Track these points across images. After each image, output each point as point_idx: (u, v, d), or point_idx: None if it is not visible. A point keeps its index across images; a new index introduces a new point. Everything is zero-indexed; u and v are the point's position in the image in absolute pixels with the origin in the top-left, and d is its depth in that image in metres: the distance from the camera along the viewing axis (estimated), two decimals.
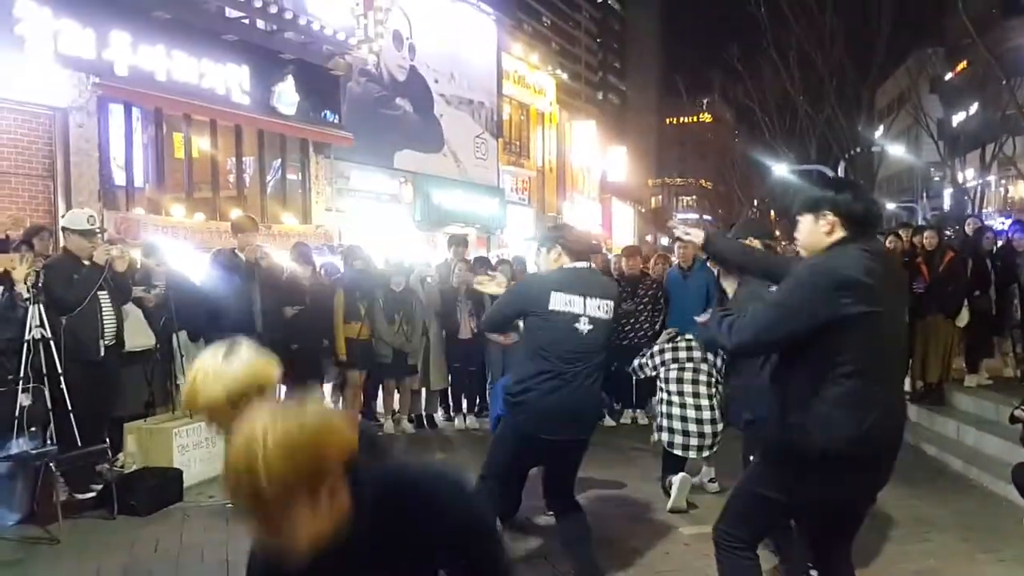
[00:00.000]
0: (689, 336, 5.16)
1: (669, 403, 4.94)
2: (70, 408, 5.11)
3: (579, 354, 3.59)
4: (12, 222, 8.26)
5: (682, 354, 5.07)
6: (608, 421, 7.94)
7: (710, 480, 5.62)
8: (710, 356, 5.11)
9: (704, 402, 4.98)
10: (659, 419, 5.03)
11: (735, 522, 2.88)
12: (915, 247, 7.98)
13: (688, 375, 5.02)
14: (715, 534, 2.94)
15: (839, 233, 2.64)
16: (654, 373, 5.26)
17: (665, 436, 5.01)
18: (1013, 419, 5.12)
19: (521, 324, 3.78)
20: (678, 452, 5.05)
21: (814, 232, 2.68)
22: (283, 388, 8.50)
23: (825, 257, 2.64)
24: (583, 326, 3.59)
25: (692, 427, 4.95)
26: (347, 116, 15.73)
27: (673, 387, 4.96)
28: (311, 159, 15.28)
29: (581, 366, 3.59)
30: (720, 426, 5.08)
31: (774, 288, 2.96)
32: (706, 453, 5.12)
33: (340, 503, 1.52)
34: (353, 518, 1.54)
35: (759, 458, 2.93)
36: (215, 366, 2.05)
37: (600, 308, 3.64)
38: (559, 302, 3.59)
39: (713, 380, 5.09)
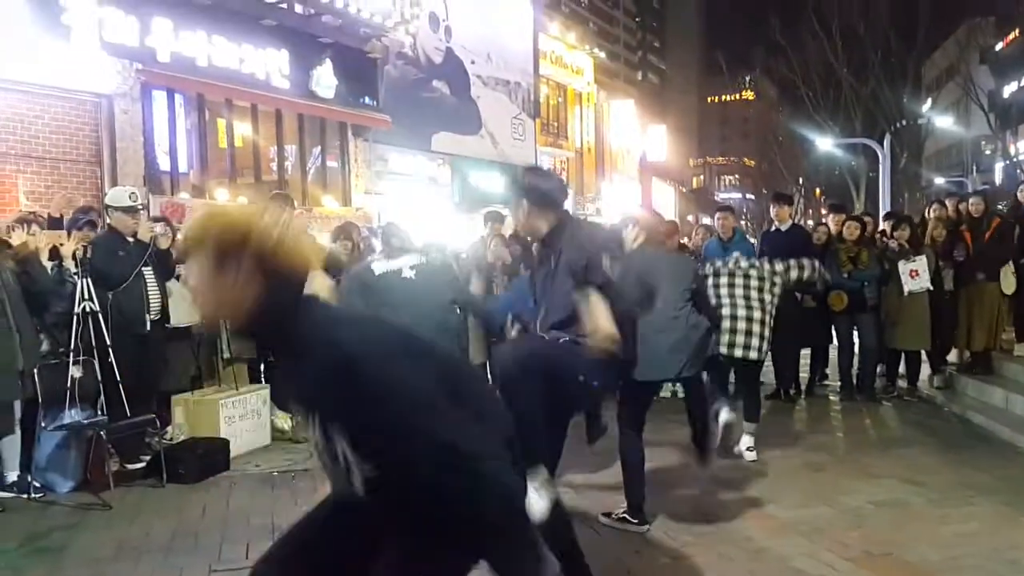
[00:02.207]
0: (738, 255, 5.24)
1: (718, 306, 4.87)
2: (119, 380, 5.27)
3: None
4: (66, 202, 8.52)
5: (731, 265, 5.09)
6: None
7: (748, 449, 5.56)
8: (758, 264, 5.13)
9: (755, 303, 4.92)
10: None
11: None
12: (960, 215, 7.83)
13: (739, 280, 5.01)
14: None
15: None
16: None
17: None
18: None
19: None
20: (723, 351, 4.89)
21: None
22: None
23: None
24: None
25: (741, 324, 4.84)
26: (385, 99, 15.82)
27: (724, 290, 4.96)
28: (350, 142, 15.41)
29: None
30: (768, 331, 4.97)
31: None
32: (754, 355, 4.97)
33: (249, 291, 1.77)
34: (290, 346, 1.80)
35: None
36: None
37: None
38: None
39: (767, 286, 5.02)
